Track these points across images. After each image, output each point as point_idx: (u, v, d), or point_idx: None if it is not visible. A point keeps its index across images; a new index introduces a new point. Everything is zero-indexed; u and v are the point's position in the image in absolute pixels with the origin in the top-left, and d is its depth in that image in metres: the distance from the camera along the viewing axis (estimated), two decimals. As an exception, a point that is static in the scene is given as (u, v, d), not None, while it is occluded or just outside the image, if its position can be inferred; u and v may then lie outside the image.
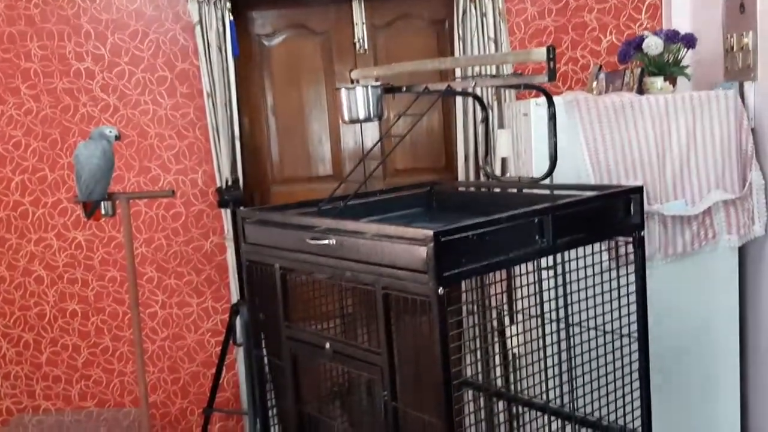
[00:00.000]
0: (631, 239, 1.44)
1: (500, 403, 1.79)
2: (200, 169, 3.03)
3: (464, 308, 1.81)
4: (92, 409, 3.16)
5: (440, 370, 1.14)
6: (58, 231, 3.06)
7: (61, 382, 3.16)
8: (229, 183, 2.78)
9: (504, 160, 2.69)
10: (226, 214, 2.96)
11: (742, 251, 2.38)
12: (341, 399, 1.72)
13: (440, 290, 1.12)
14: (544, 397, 1.53)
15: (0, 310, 3.10)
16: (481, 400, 1.81)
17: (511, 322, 2.44)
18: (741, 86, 2.37)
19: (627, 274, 1.48)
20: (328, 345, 1.36)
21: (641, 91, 2.39)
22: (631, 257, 1.49)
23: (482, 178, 2.73)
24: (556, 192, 1.58)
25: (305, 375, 1.55)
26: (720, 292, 2.33)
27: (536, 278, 1.52)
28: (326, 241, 1.30)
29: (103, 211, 2.31)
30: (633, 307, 1.48)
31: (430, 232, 1.11)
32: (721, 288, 2.33)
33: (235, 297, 3.02)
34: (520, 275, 1.63)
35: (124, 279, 3.08)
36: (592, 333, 1.51)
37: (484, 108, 1.83)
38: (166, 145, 3.02)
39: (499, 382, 2.01)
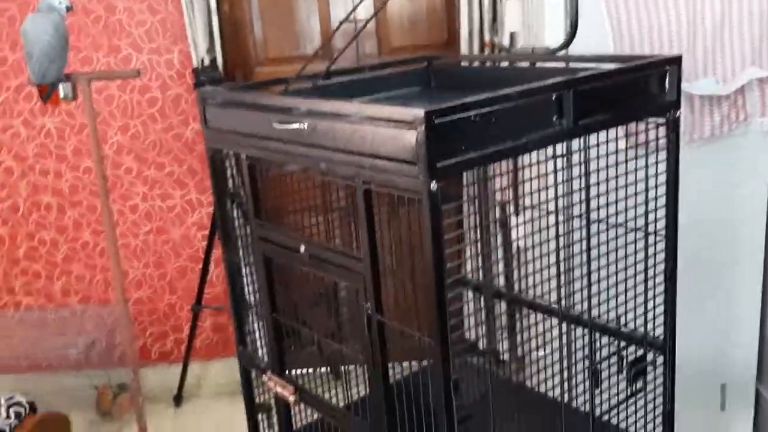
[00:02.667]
0: (663, 120, 1.21)
1: (506, 306, 1.62)
2: (176, 48, 2.75)
3: (465, 206, 1.60)
4: (76, 307, 3.04)
5: (432, 276, 0.93)
6: (24, 118, 2.81)
7: (41, 278, 3.01)
8: (206, 63, 2.51)
9: (513, 36, 2.40)
10: (205, 99, 2.71)
11: (776, 136, 2.14)
12: (325, 305, 1.54)
13: (433, 185, 0.90)
14: (560, 302, 1.34)
15: (-30, 203, 2.92)
16: (482, 301, 1.64)
17: (517, 214, 2.24)
18: (787, -55, 2.05)
19: (647, 165, 1.26)
20: (303, 248, 1.16)
21: (672, -50, 2.07)
22: (653, 145, 1.26)
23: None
24: (575, 65, 1.33)
25: (287, 276, 1.37)
26: (748, 180, 2.11)
27: (549, 169, 1.30)
28: (296, 125, 1.07)
29: (62, 94, 2.06)
30: (646, 199, 1.27)
31: (421, 112, 0.87)
32: (749, 175, 2.11)
33: (219, 188, 2.82)
34: (538, 165, 1.40)
35: (100, 170, 2.87)
36: (614, 231, 1.30)
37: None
38: (136, 21, 2.72)
39: (501, 282, 1.84)
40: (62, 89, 2.05)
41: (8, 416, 1.78)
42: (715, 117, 2.03)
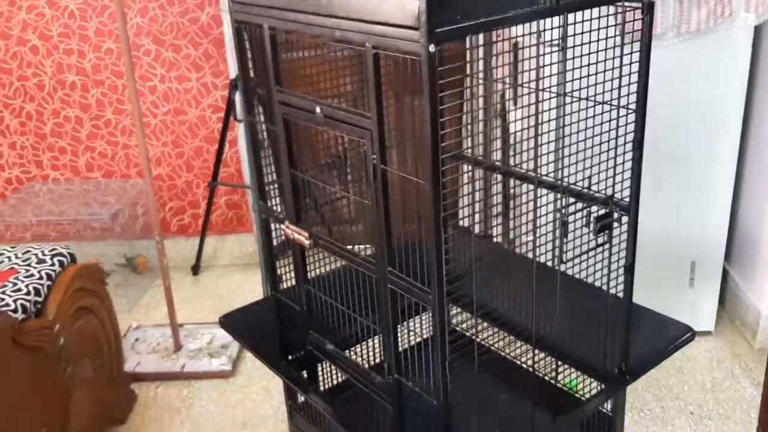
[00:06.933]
0: (639, 4, 1.36)
1: (495, 176, 1.81)
2: (192, -68, 2.84)
3: (466, 91, 1.77)
4: (100, 180, 3.25)
5: (429, 132, 1.12)
6: (48, -2, 2.94)
7: (67, 153, 3.21)
8: (223, -53, 2.61)
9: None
10: (221, -17, 2.83)
11: (757, 33, 2.27)
12: (337, 169, 1.74)
13: (432, 48, 1.07)
14: (538, 170, 1.53)
15: (-1, 80, 3.08)
16: (477, 172, 1.83)
17: (515, 101, 2.40)
18: None
19: (623, 44, 1.41)
20: (318, 109, 1.34)
21: None
22: (629, 27, 1.41)
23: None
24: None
25: (302, 146, 1.55)
26: (729, 72, 2.27)
27: (538, 50, 1.46)
28: (315, -3, 1.23)
29: (89, -27, 2.18)
30: (620, 76, 1.43)
31: (423, -17, 1.04)
32: (731, 68, 2.26)
33: (233, 72, 2.97)
34: (523, 48, 1.56)
35: (121, 51, 3.01)
36: (589, 104, 1.48)
37: None
38: None
39: (496, 156, 2.03)
40: (90, -32, 2.18)
41: (52, 263, 2.01)
42: (702, 11, 2.16)
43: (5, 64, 3.04)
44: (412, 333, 1.75)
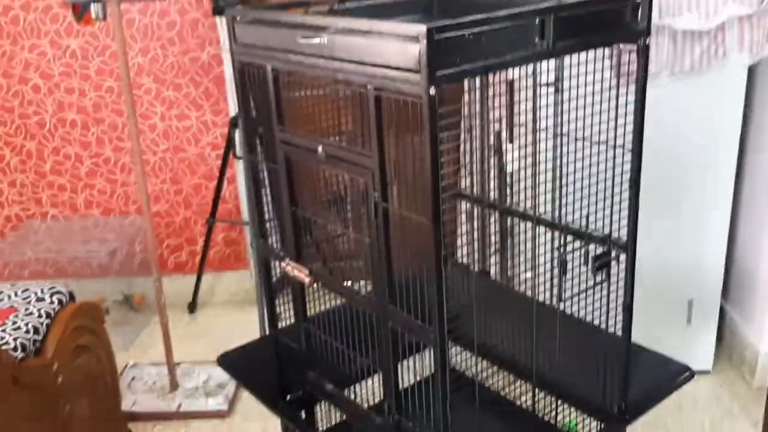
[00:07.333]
0: (635, 47, 1.39)
1: (493, 214, 1.83)
2: (194, -26, 2.90)
3: (462, 124, 1.79)
4: (98, 217, 3.26)
5: (429, 171, 1.14)
6: (51, 38, 2.98)
7: (67, 190, 3.22)
8: (224, -11, 2.66)
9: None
10: (221, 23, 2.87)
11: (751, 72, 2.32)
12: (337, 207, 1.75)
13: (432, 90, 1.09)
14: (537, 209, 1.55)
15: (0, 118, 3.10)
16: (476, 210, 1.85)
17: (510, 139, 2.43)
18: None
19: (618, 86, 1.44)
20: (320, 148, 1.36)
21: None
22: (624, 70, 1.44)
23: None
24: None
25: (302, 184, 1.57)
26: (724, 113, 2.30)
27: (534, 90, 1.49)
28: (317, 40, 1.25)
29: (93, 14, 2.22)
30: (616, 117, 1.46)
31: (423, 28, 1.06)
32: (725, 109, 2.30)
33: (233, 110, 3.01)
34: (520, 89, 1.59)
35: (121, 90, 3.05)
36: (585, 143, 1.50)
37: None
38: (157, -53, 2.86)
39: (492, 195, 2.04)
40: (93, 9, 2.22)
41: (51, 302, 2.01)
42: (696, 52, 2.20)
43: (7, 102, 3.06)
44: (412, 372, 1.74)
